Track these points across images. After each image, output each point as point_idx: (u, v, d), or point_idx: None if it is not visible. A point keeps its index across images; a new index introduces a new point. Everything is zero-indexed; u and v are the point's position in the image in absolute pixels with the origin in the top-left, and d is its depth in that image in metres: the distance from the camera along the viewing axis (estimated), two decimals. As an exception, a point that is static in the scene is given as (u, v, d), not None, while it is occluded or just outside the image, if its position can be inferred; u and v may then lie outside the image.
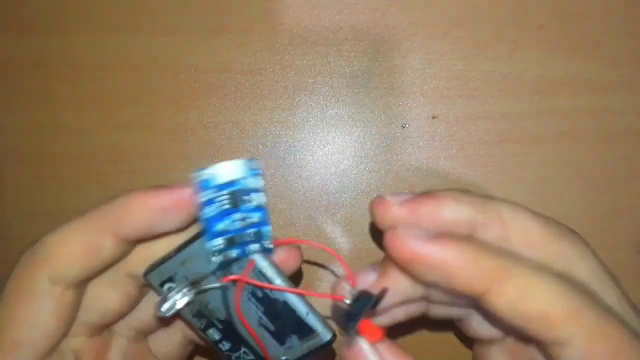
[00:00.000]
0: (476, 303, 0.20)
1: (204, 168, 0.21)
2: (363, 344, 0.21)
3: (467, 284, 0.19)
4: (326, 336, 0.23)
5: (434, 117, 0.35)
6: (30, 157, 0.36)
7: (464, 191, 0.22)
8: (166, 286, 0.23)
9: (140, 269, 0.23)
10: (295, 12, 0.36)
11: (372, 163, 0.36)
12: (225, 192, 0.21)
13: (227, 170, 0.21)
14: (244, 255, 0.22)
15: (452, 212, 0.21)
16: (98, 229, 0.22)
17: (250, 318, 0.23)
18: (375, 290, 0.22)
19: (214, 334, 0.24)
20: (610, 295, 0.21)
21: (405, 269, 0.21)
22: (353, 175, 0.36)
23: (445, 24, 0.35)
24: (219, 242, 0.22)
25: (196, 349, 0.31)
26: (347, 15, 0.36)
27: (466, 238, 0.20)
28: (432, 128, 0.35)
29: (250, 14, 0.36)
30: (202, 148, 0.36)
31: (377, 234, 0.35)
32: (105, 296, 0.24)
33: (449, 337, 0.35)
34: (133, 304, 0.25)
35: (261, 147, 0.36)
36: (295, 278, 0.31)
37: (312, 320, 0.23)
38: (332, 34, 0.36)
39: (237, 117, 0.36)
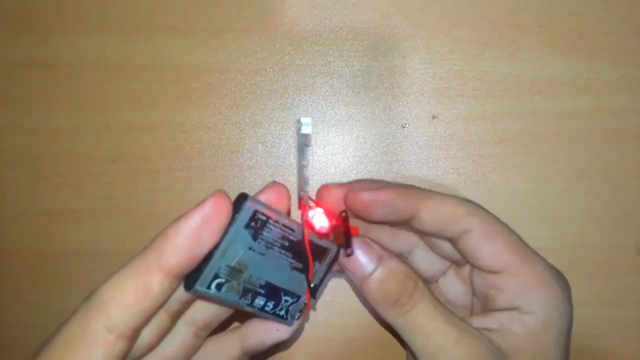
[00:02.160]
0: (411, 225, 0.28)
1: (305, 121, 0.25)
2: (358, 253, 0.27)
3: (405, 210, 0.27)
4: (334, 247, 0.28)
5: (434, 117, 0.35)
6: (30, 157, 0.36)
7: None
8: (214, 284, 0.24)
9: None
10: (295, 12, 0.36)
11: (372, 163, 0.36)
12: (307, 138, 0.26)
13: (309, 124, 0.26)
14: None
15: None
16: (145, 269, 0.22)
17: (284, 268, 0.27)
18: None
19: (259, 302, 0.26)
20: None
21: (363, 212, 0.28)
22: (353, 175, 0.36)
23: (445, 24, 0.35)
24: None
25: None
26: (347, 15, 0.36)
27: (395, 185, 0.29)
28: (432, 128, 0.35)
29: (250, 14, 0.36)
30: (202, 148, 0.36)
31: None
32: None
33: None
34: (162, 335, 0.26)
35: (261, 147, 0.36)
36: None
37: (322, 242, 0.27)
38: (332, 34, 0.36)
39: (237, 117, 0.36)
